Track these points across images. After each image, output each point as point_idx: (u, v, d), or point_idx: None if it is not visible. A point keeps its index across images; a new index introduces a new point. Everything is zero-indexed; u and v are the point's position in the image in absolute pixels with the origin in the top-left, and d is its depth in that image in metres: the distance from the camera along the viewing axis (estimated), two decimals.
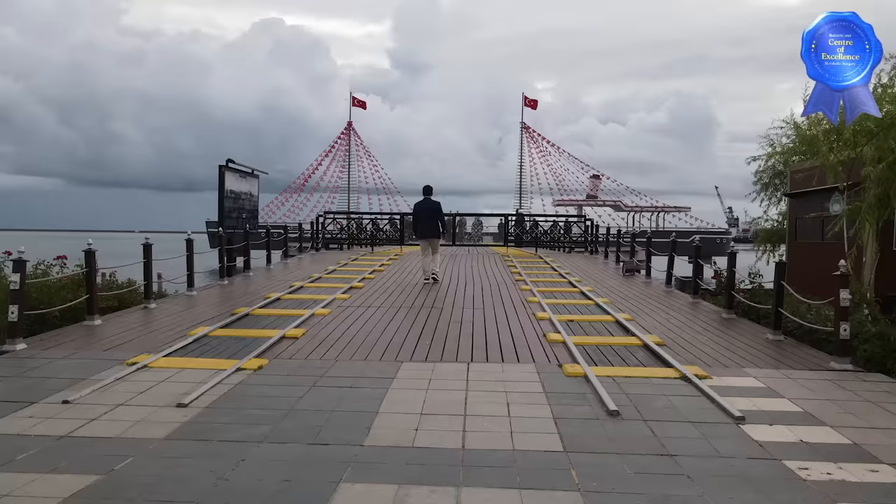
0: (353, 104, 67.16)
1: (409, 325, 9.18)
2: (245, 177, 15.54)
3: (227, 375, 6.36)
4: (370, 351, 7.69)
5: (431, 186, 15.33)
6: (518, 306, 10.90)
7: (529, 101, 66.17)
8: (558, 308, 10.72)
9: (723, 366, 7.14)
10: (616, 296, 12.49)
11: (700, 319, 10.02)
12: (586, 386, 6.22)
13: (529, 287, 13.08)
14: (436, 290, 12.81)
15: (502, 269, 16.92)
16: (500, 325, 9.26)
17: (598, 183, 70.37)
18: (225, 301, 11.46)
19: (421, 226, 14.82)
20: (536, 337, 8.50)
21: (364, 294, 12.16)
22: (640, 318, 10.02)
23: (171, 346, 7.64)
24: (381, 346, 7.94)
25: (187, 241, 12.23)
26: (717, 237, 58.54)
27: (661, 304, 11.51)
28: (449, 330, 8.87)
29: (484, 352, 7.70)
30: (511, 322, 9.48)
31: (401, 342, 8.14)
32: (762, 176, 18.28)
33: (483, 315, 10.01)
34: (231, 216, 14.64)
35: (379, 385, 6.17)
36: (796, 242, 13.40)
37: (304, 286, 13.10)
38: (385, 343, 8.08)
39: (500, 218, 45.82)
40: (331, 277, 14.61)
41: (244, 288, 13.33)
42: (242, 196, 15.36)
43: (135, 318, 9.57)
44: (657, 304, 11.48)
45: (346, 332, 8.72)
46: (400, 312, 10.19)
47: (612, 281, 15.05)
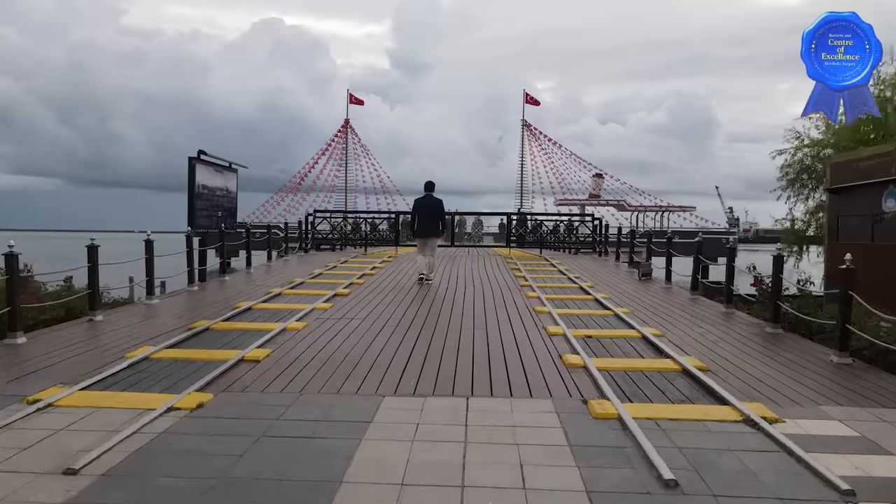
0: (351, 101, 65.51)
1: (397, 344, 7.67)
2: (221, 171, 14.03)
3: (152, 419, 4.85)
4: (345, 380, 6.17)
5: (434, 182, 13.95)
6: (526, 318, 9.39)
7: (531, 99, 64.59)
8: (572, 320, 9.22)
9: (792, 402, 5.62)
10: (636, 304, 10.97)
11: (741, 335, 8.50)
12: (623, 435, 4.72)
13: (537, 294, 11.58)
14: (431, 297, 11.31)
15: (505, 273, 15.42)
16: (505, 343, 7.74)
17: (600, 182, 68.76)
18: (187, 311, 9.95)
19: (420, 224, 13.57)
20: (551, 359, 6.99)
21: (349, 303, 10.65)
22: (670, 332, 8.51)
23: (97, 373, 6.12)
24: (360, 372, 6.43)
25: (146, 241, 10.71)
26: (723, 237, 57.00)
27: (690, 315, 9.99)
28: (444, 350, 7.36)
29: (487, 381, 6.18)
30: (519, 339, 7.96)
31: (385, 367, 6.63)
32: (788, 171, 16.78)
33: (486, 330, 8.49)
34: (203, 214, 13.14)
35: (349, 434, 4.67)
36: (838, 244, 11.96)
37: (283, 293, 11.59)
38: (365, 368, 6.57)
39: (501, 217, 44.44)
40: (314, 283, 13.10)
41: (215, 295, 11.82)
42: (218, 192, 13.85)
43: (69, 335, 8.05)
44: (685, 315, 9.97)
45: (319, 352, 7.21)
46: (388, 326, 8.68)
47: (627, 286, 13.55)
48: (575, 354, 7.05)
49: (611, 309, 10.16)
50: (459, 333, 8.25)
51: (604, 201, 66.43)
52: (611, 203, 65.95)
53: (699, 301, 11.57)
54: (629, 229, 18.48)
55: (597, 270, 16.85)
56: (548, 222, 24.04)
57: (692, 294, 11.89)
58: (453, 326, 8.68)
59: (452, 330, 8.43)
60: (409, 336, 8.12)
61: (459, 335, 8.15)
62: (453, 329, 8.49)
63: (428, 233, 13.59)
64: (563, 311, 10.03)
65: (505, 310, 10.10)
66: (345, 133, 66.04)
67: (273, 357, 6.93)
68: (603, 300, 11.05)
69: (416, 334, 8.17)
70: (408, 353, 7.20)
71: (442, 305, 10.47)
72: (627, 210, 65.41)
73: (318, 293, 11.46)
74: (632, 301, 11.31)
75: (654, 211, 66.39)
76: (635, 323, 8.93)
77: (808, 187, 16.52)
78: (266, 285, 12.74)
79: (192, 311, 9.93)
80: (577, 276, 14.57)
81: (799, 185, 16.91)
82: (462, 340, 7.84)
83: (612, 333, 8.41)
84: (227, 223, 14.61)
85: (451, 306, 10.37)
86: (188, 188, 12.57)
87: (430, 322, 8.97)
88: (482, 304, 10.57)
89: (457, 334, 8.19)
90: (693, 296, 11.84)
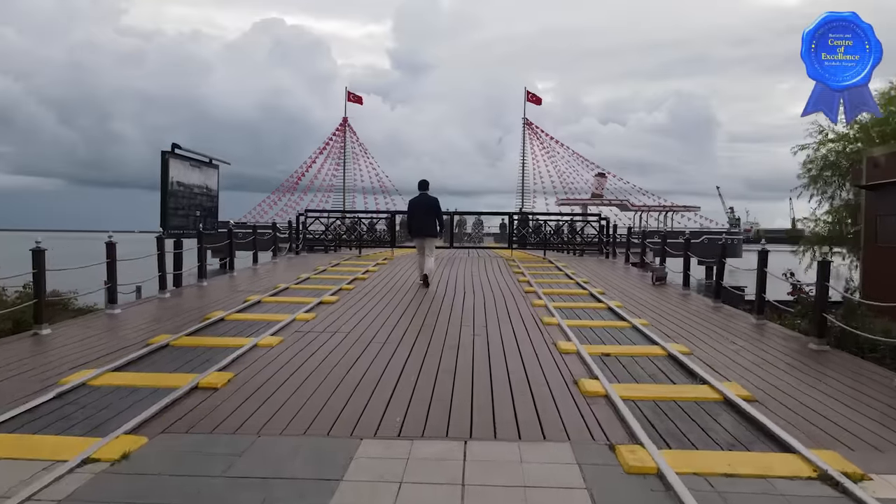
0: (349, 99, 64.44)
1: (384, 365, 6.56)
2: (199, 167, 12.91)
3: (54, 479, 3.75)
4: (317, 414, 5.07)
5: (428, 181, 13.21)
6: (533, 332, 8.29)
7: (532, 97, 63.48)
8: (585, 333, 8.12)
9: (871, 447, 4.51)
10: (654, 314, 9.87)
11: (783, 353, 7.38)
12: (666, 498, 3.62)
13: (543, 302, 10.47)
14: (426, 306, 10.21)
15: (508, 277, 14.31)
16: (511, 364, 6.63)
17: (603, 181, 67.60)
18: (150, 323, 8.84)
19: (416, 223, 12.87)
20: (564, 385, 5.89)
21: (335, 313, 9.55)
22: (699, 349, 7.41)
23: (13, 407, 5.02)
24: (337, 403, 5.32)
25: (108, 244, 9.58)
26: (730, 238, 55.86)
27: (718, 328, 8.88)
28: (439, 373, 6.26)
29: (490, 416, 5.06)
30: (526, 359, 6.85)
31: (367, 396, 5.53)
32: (811, 168, 15.67)
33: (487, 346, 7.39)
34: (178, 214, 12.01)
35: (311, 498, 3.57)
36: (877, 246, 10.84)
37: (263, 301, 10.49)
38: (343, 398, 5.47)
39: (501, 217, 43.31)
40: (300, 288, 12.00)
41: (188, 303, 10.71)
42: (195, 189, 12.73)
43: (5, 354, 6.93)
44: (712, 328, 8.86)
45: (291, 376, 6.10)
46: (375, 342, 7.57)
47: (641, 292, 12.44)
48: (593, 380, 5.94)
49: (627, 320, 9.06)
50: (457, 351, 7.14)
51: (606, 201, 65.28)
52: (613, 203, 64.75)
53: (723, 310, 10.45)
54: (642, 230, 17.34)
55: (606, 274, 15.75)
56: (551, 222, 22.92)
57: (714, 302, 10.77)
58: (450, 342, 7.58)
59: (449, 347, 7.33)
60: (399, 354, 7.01)
61: (457, 353, 7.05)
62: (450, 346, 7.39)
63: (425, 232, 12.93)
64: (574, 322, 8.92)
65: (509, 321, 8.99)
66: (343, 131, 64.97)
67: (235, 383, 5.83)
68: (617, 309, 9.95)
69: (407, 352, 7.06)
70: (395, 377, 6.10)
71: (438, 316, 9.37)
72: (630, 210, 64.23)
73: (302, 301, 10.36)
74: (649, 310, 10.20)
75: (658, 211, 65.25)
76: (657, 337, 7.82)
77: (833, 185, 15.41)
78: (246, 291, 11.64)
79: (156, 323, 8.82)
80: (585, 281, 13.46)
81: (822, 183, 15.79)
82: (460, 360, 6.74)
83: (632, 350, 7.30)
84: (208, 223, 13.49)
85: (449, 317, 9.26)
86: (161, 185, 11.46)
87: (424, 337, 7.87)
88: (483, 315, 9.47)
89: (454, 352, 7.09)
90: (715, 303, 10.73)
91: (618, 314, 9.60)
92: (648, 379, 6.19)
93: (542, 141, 67.19)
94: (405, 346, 7.37)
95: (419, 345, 7.42)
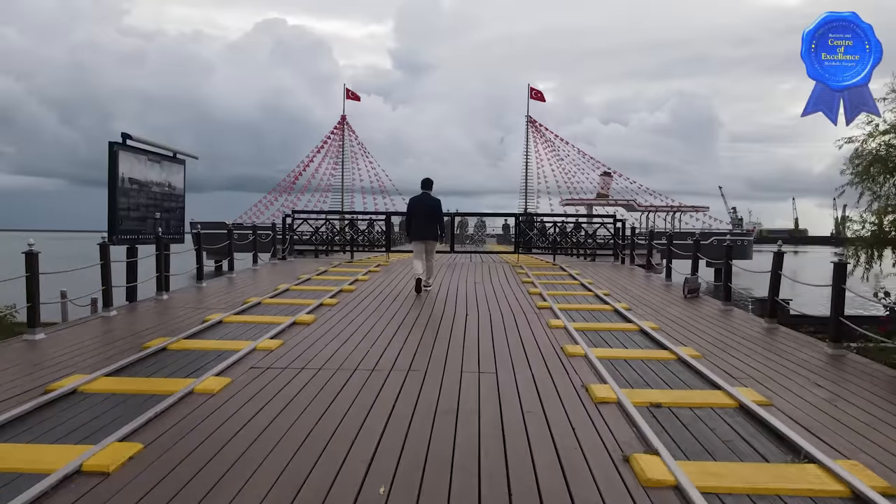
0: (348, 97, 62.71)
1: (364, 414, 4.82)
2: (160, 161, 11.14)
3: None
4: (267, 491, 3.33)
5: (431, 180, 11.90)
6: (555, 367, 6.51)
7: (536, 93, 61.67)
8: (622, 369, 6.37)
9: None
10: (699, 339, 8.10)
11: None
12: None
13: (562, 322, 8.71)
14: (421, 327, 8.45)
15: (516, 288, 12.56)
16: (530, 426, 4.83)
17: (609, 181, 65.78)
18: (73, 353, 7.02)
19: (416, 225, 11.71)
20: (609, 461, 4.10)
21: (309, 337, 7.80)
22: (779, 396, 5.63)
23: None
24: (298, 471, 3.57)
25: (27, 254, 7.77)
26: (739, 239, 54.06)
27: (790, 362, 7.05)
28: (437, 422, 4.50)
29: (504, 489, 3.38)
30: (550, 413, 5.07)
31: (340, 458, 3.79)
32: (859, 163, 13.86)
33: (497, 393, 5.60)
34: (132, 216, 10.24)
35: None
36: None
37: (225, 321, 8.74)
38: (306, 463, 3.71)
39: (504, 219, 41.55)
40: (273, 304, 10.25)
41: (134, 323, 8.94)
42: (154, 188, 10.95)
43: None
44: (783, 363, 7.02)
45: (233, 438, 4.34)
46: (351, 385, 5.80)
47: (674, 307, 10.66)
48: (652, 455, 4.16)
49: (669, 349, 7.29)
50: (457, 399, 5.38)
51: (612, 201, 63.44)
52: (620, 203, 62.91)
53: (780, 333, 8.65)
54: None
55: (625, 283, 13.98)
56: (560, 224, 21.12)
57: (768, 322, 8.97)
58: (448, 385, 5.81)
59: (448, 396, 5.55)
60: (385, 396, 5.28)
61: (457, 402, 5.29)
62: (448, 394, 5.60)
63: (425, 236, 11.69)
64: (604, 352, 7.16)
65: (522, 350, 7.23)
66: (341, 129, 63.22)
67: (147, 455, 4.06)
68: (651, 332, 8.19)
69: (392, 401, 5.29)
70: (379, 428, 4.40)
71: (434, 342, 7.60)
72: (637, 210, 62.37)
73: (271, 321, 8.62)
74: (692, 334, 8.43)
75: (665, 211, 63.40)
76: (717, 377, 6.05)
77: (882, 182, 13.60)
78: (208, 308, 9.88)
79: (76, 356, 7.00)
80: (605, 293, 11.70)
81: (869, 180, 13.98)
82: (462, 416, 4.97)
83: (689, 399, 5.52)
84: (172, 227, 11.73)
85: (448, 344, 7.50)
86: (108, 183, 9.67)
87: (415, 376, 6.10)
88: (489, 340, 7.71)
89: (453, 399, 5.32)
90: (769, 324, 8.93)
91: (655, 340, 7.83)
92: (723, 448, 4.41)
93: (546, 139, 65.41)
94: (391, 388, 5.61)
95: (408, 390, 5.65)
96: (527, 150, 62.77)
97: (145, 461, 4.02)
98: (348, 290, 11.85)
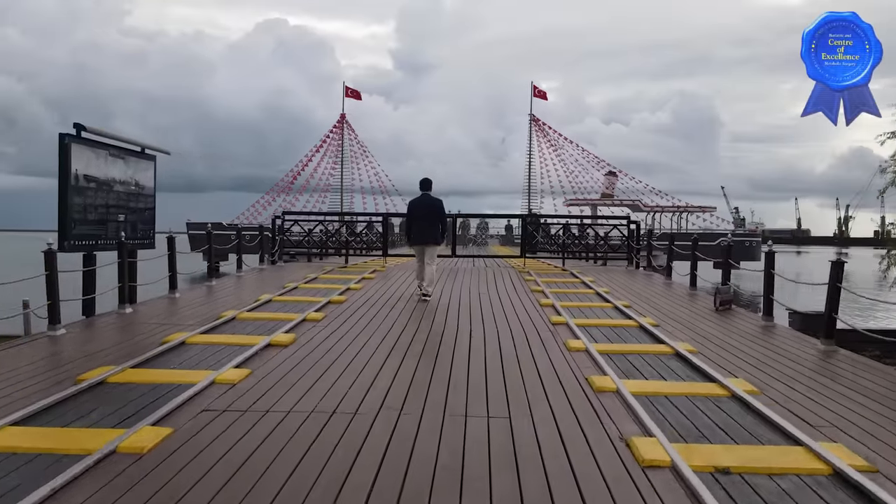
0: (347, 95, 61.46)
1: (341, 480, 3.55)
2: (123, 157, 9.84)
3: None
4: None
5: (431, 180, 10.97)
6: (583, 411, 5.21)
7: (539, 92, 60.42)
8: (668, 412, 5.09)
9: None
10: (748, 365, 6.80)
11: None
12: None
13: (583, 343, 7.43)
14: (417, 354, 7.16)
15: (525, 298, 11.27)
16: (555, 477, 3.56)
17: (614, 181, 64.45)
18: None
19: (416, 228, 10.83)
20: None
21: (283, 365, 6.51)
22: (882, 454, 4.35)
23: None
24: None
25: None
26: (747, 240, 52.74)
27: (873, 399, 5.76)
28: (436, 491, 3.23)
29: None
30: (586, 486, 3.78)
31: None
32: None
33: (512, 449, 4.30)
34: (88, 219, 8.96)
35: None
36: None
37: (189, 341, 7.46)
38: None
39: (508, 219, 40.25)
40: (250, 319, 8.97)
41: (79, 345, 7.61)
42: (117, 187, 9.67)
43: None
44: (864, 401, 5.69)
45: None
46: (326, 437, 4.50)
47: (706, 323, 9.36)
48: None
49: (718, 381, 5.99)
50: (461, 461, 4.09)
51: (618, 201, 62.09)
52: (625, 203, 61.54)
53: (842, 359, 7.35)
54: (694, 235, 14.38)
55: (646, 292, 12.68)
56: (570, 226, 19.82)
57: (825, 343, 7.66)
58: (450, 437, 4.52)
59: (449, 452, 4.25)
60: (370, 450, 3.99)
61: (461, 464, 4.01)
62: (450, 450, 4.31)
63: (426, 239, 10.79)
64: (640, 386, 5.86)
65: (539, 382, 5.94)
66: (341, 128, 61.96)
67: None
68: (690, 356, 6.90)
69: (376, 467, 4.00)
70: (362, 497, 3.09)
71: (433, 373, 6.31)
72: (643, 211, 60.93)
73: (244, 341, 7.35)
74: (738, 359, 7.12)
75: (672, 212, 61.98)
76: (792, 426, 4.75)
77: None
78: (175, 325, 8.61)
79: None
80: (626, 305, 10.41)
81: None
82: (469, 488, 3.68)
83: (767, 461, 4.21)
84: (139, 231, 10.45)
85: (449, 375, 6.21)
86: (59, 180, 8.38)
87: (407, 423, 4.81)
88: (499, 369, 6.41)
89: (456, 459, 4.03)
90: (826, 345, 7.62)
91: (697, 368, 6.53)
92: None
93: (550, 138, 64.12)
94: (378, 436, 4.33)
95: (400, 436, 4.36)
96: (530, 149, 61.56)
97: None
98: (337, 301, 10.57)
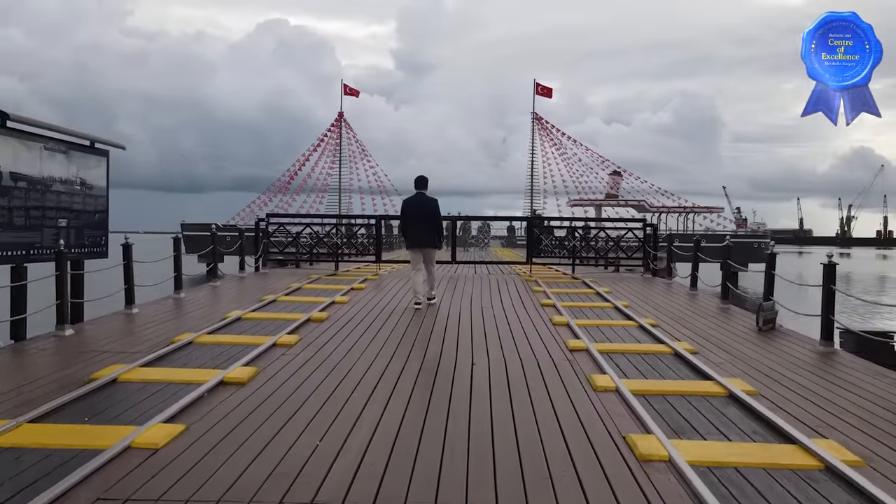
0: (346, 93, 60.06)
1: None
2: (65, 152, 8.42)
3: None
4: None
5: (426, 178, 9.98)
6: (626, 492, 3.78)
7: (543, 89, 58.94)
8: (747, 496, 3.64)
9: None
10: (822, 410, 5.36)
11: None
12: None
13: (612, 380, 5.99)
14: (405, 397, 5.71)
15: (535, 314, 9.85)
16: None
17: (619, 180, 63.02)
18: None
19: (412, 231, 10.20)
20: None
21: (233, 414, 5.06)
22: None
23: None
24: None
25: None
26: (755, 241, 51.26)
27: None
28: None
29: None
30: None
31: None
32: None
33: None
34: (15, 224, 7.54)
35: None
36: None
37: (122, 378, 6.02)
38: None
39: (510, 221, 38.82)
40: (210, 343, 7.54)
41: None
42: (56, 187, 8.24)
43: None
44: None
45: None
46: None
47: (752, 348, 7.89)
48: None
49: (799, 441, 4.54)
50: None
51: (623, 202, 60.63)
52: (630, 203, 60.11)
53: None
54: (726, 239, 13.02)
55: (671, 306, 11.24)
56: (578, 229, 18.37)
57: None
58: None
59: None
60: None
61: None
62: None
63: (423, 242, 9.98)
64: (698, 449, 4.41)
65: (564, 445, 4.50)
66: (339, 127, 60.55)
67: None
68: (748, 398, 5.46)
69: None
70: None
71: (422, 432, 4.85)
72: (648, 211, 59.45)
73: (190, 378, 5.91)
74: (806, 400, 5.67)
75: (678, 212, 60.54)
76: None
77: None
78: (118, 351, 7.19)
79: None
80: (652, 324, 8.98)
81: None
82: None
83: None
84: (87, 238, 9.01)
85: (444, 435, 4.76)
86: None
87: (394, 487, 3.37)
88: (509, 422, 4.97)
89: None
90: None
91: (762, 417, 5.09)
92: None
93: (553, 137, 62.67)
94: None
95: None
96: (532, 148, 60.21)
97: None
98: (318, 318, 9.13)
